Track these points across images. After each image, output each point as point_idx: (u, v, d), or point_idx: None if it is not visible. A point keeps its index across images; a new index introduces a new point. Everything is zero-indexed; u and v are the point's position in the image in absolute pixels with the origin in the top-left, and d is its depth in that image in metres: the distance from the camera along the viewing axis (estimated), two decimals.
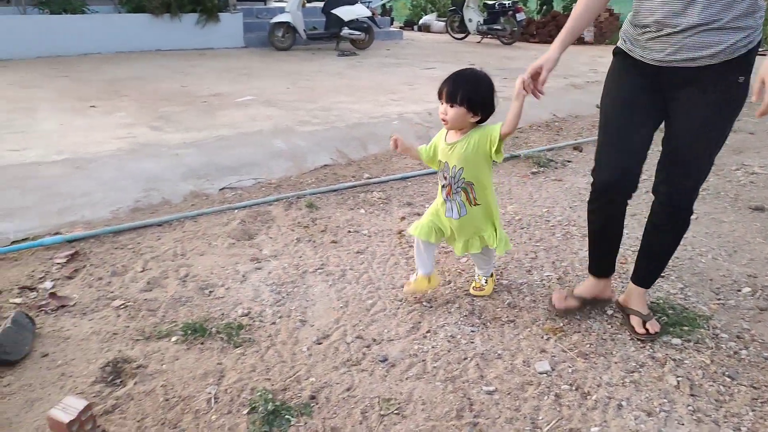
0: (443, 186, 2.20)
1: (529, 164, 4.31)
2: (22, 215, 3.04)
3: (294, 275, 2.63)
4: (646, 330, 2.11)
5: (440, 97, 2.05)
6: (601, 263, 2.24)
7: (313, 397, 1.84)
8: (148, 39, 9.43)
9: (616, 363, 1.99)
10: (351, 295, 2.46)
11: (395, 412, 1.77)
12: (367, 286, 2.53)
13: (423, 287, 2.35)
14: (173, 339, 2.13)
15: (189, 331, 2.15)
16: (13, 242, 2.88)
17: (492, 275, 2.44)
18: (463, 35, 13.30)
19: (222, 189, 3.67)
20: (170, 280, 2.56)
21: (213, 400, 1.82)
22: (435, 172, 2.11)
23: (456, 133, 2.12)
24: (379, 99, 6.01)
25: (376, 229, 3.13)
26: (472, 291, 2.42)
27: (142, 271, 2.63)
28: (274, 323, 2.26)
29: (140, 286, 2.50)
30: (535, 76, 1.91)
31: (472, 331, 2.19)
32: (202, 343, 2.11)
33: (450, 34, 13.73)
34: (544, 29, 13.34)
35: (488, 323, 2.25)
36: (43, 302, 2.36)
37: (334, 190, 3.69)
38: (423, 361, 2.02)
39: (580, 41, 12.70)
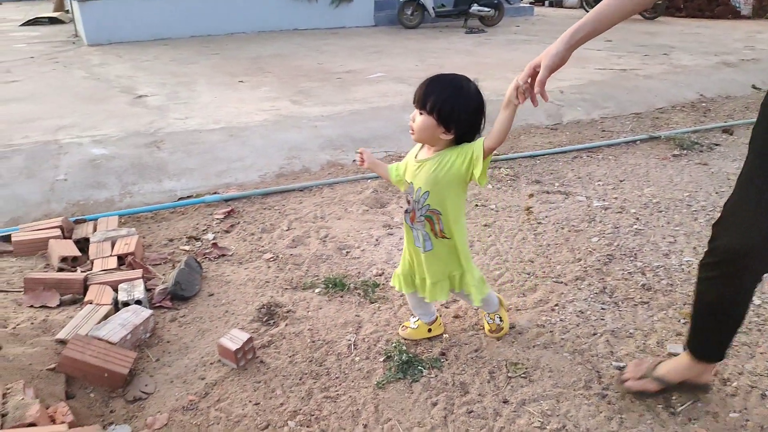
0: (407, 211, 1.80)
1: (671, 146, 4.06)
2: (188, 175, 3.47)
3: None
4: None
5: (414, 101, 1.67)
6: (708, 345, 1.63)
7: (443, 354, 1.96)
8: (287, 19, 10.00)
9: (762, 354, 1.89)
10: (479, 265, 2.53)
11: (522, 375, 1.84)
12: (495, 258, 2.59)
13: (423, 335, 2.03)
14: (316, 290, 2.35)
15: (330, 285, 2.37)
16: (180, 198, 3.30)
17: (502, 305, 2.05)
18: None
19: (355, 160, 3.88)
20: (312, 240, 2.81)
21: (353, 346, 2.00)
22: (566, 151, 1.83)
23: (429, 149, 1.72)
24: (508, 76, 5.91)
25: (504, 204, 3.16)
26: (489, 335, 2.03)
27: (287, 230, 2.90)
28: None
29: (286, 242, 2.77)
30: (534, 76, 1.46)
31: (603, 309, 2.18)
32: (341, 297, 2.31)
33: (585, 9, 13.00)
34: (692, 2, 12.20)
35: (620, 303, 2.22)
36: (207, 251, 2.70)
37: None
38: (551, 332, 2.06)
39: (735, 15, 11.46)
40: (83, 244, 2.67)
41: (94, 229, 2.78)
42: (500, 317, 2.03)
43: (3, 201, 3.04)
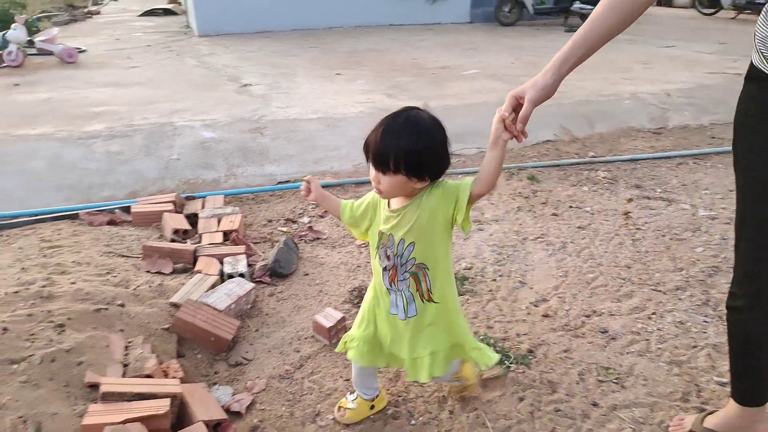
0: (385, 269, 1.49)
1: None
2: (287, 161, 3.64)
3: (514, 240, 2.74)
4: None
5: (366, 157, 1.38)
6: (750, 386, 1.47)
7: (531, 351, 1.95)
8: (383, 14, 10.14)
9: None
10: (571, 267, 2.48)
11: (614, 380, 1.80)
12: (588, 261, 2.53)
13: (365, 414, 1.69)
14: None
15: None
16: (279, 182, 3.47)
17: (462, 361, 1.68)
18: (713, 10, 11.74)
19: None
20: None
21: None
22: (670, 156, 1.48)
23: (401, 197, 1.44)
24: (610, 77, 5.70)
25: (600, 207, 3.07)
26: (453, 395, 1.74)
27: None
28: (494, 280, 2.40)
29: None
30: (517, 107, 1.28)
31: (705, 322, 2.08)
32: None
33: (697, 9, 12.21)
34: None
35: (724, 317, 2.10)
36: (303, 233, 2.83)
37: (557, 165, 3.68)
38: (647, 340, 1.99)
39: None
40: (192, 219, 2.87)
41: (202, 206, 2.99)
42: (458, 377, 1.70)
43: (124, 176, 3.34)
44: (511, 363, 1.88)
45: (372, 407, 1.70)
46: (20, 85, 5.30)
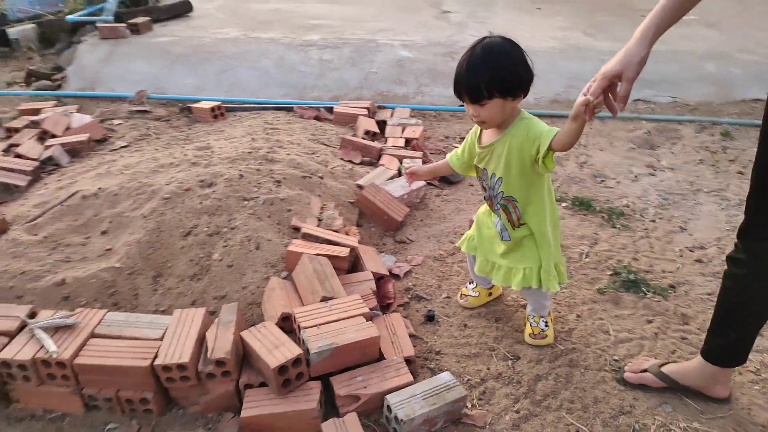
0: (485, 198, 1.71)
1: None
2: None
3: (686, 189, 2.70)
4: None
5: (460, 98, 1.51)
6: (724, 345, 1.49)
7: (672, 287, 2.03)
8: None
9: None
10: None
11: None
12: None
13: (484, 300, 1.95)
14: (564, 204, 2.56)
15: (577, 203, 2.55)
16: (461, 105, 3.70)
17: (550, 314, 1.80)
18: None
19: (636, 100, 3.79)
20: (570, 162, 2.97)
21: (584, 255, 2.20)
22: None
23: (492, 131, 1.58)
24: None
25: None
26: (528, 340, 1.77)
27: None
28: (653, 221, 2.45)
29: None
30: (610, 87, 1.26)
31: None
32: (584, 215, 2.48)
33: None
34: None
35: None
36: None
37: (759, 126, 3.39)
38: None
39: None
40: (381, 125, 3.28)
41: (391, 115, 3.38)
42: (546, 322, 1.79)
43: (332, 81, 3.85)
44: (648, 291, 1.99)
45: (490, 294, 1.96)
46: None
